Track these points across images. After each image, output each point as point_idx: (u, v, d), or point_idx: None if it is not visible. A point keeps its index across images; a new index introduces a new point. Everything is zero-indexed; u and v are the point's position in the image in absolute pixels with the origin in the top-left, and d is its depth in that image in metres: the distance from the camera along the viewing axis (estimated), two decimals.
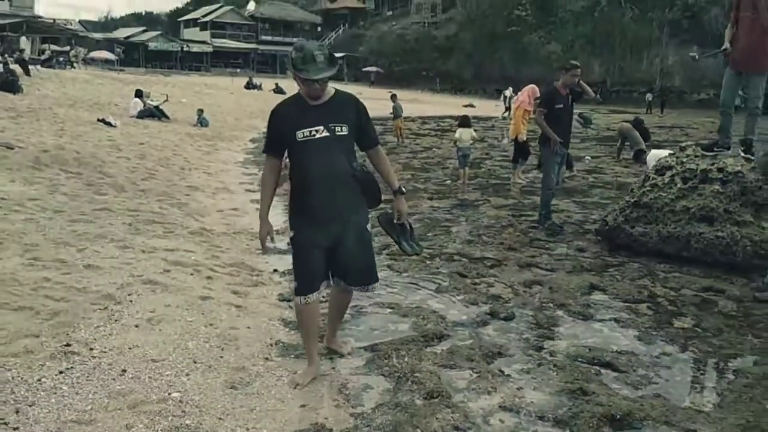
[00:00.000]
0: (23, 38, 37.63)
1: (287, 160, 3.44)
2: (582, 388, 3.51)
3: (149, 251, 5.44)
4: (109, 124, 14.25)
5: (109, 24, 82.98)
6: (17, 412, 2.81)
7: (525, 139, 10.68)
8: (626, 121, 14.96)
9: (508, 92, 30.16)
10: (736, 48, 6.42)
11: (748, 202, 6.00)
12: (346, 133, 3.29)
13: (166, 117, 18.02)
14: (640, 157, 12.60)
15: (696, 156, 6.48)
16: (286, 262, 5.68)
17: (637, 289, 5.34)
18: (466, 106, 34.39)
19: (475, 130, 11.20)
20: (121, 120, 15.40)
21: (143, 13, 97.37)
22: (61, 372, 3.16)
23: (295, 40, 55.32)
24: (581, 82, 7.55)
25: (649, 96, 38.11)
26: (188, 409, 3.04)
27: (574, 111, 8.14)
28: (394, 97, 18.02)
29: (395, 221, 3.63)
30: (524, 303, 4.99)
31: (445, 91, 52.49)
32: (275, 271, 5.56)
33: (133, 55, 59.95)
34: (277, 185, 3.45)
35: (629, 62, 47.69)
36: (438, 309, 4.75)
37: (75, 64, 38.56)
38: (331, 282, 3.57)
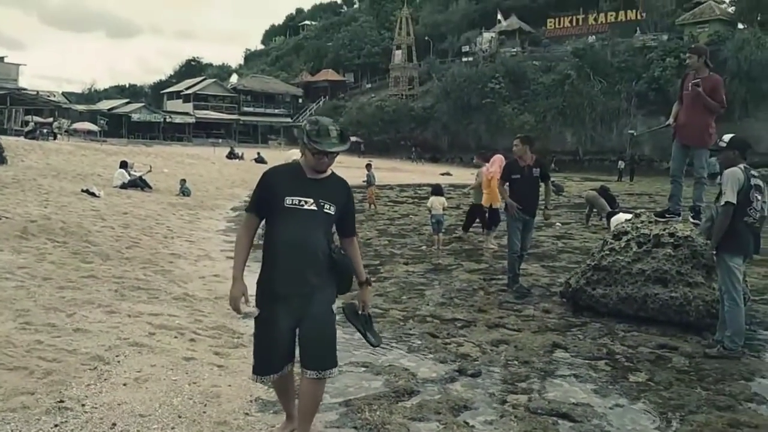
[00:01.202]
0: None
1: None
2: None
3: (135, 316, 5.71)
4: (93, 194, 14.60)
5: (92, 96, 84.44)
6: None
7: (500, 207, 11.18)
8: (593, 189, 15.60)
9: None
10: (681, 124, 7.02)
11: (699, 265, 6.44)
12: (332, 213, 3.29)
13: (149, 187, 18.41)
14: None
15: (650, 222, 6.96)
16: None
17: (597, 347, 5.70)
18: (443, 174, 35.30)
19: (449, 198, 11.71)
20: (105, 190, 15.76)
21: (127, 86, 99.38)
22: (56, 425, 3.41)
23: (276, 110, 56.23)
24: (547, 174, 8.08)
25: (621, 164, 39.46)
26: None
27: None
28: (369, 166, 18.69)
29: (360, 312, 3.59)
30: (491, 361, 5.31)
31: (423, 160, 53.73)
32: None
33: (116, 127, 60.85)
34: (251, 246, 3.40)
35: (600, 132, 49.62)
36: (409, 367, 5.05)
37: (58, 136, 39.06)
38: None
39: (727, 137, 5.69)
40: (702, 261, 6.40)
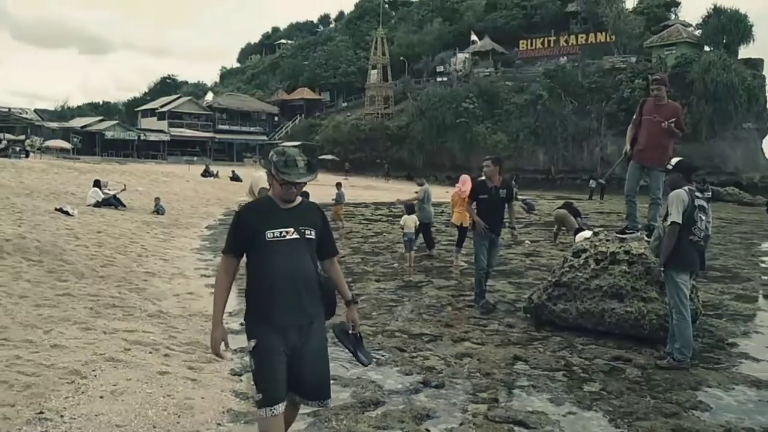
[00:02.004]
0: None
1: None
2: None
3: (110, 332, 5.87)
4: (66, 213, 14.64)
5: (65, 113, 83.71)
6: None
7: (468, 225, 11.52)
8: (560, 208, 16.01)
9: None
10: (640, 144, 7.40)
11: (653, 281, 6.78)
12: (313, 237, 3.32)
13: (123, 205, 18.45)
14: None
15: (607, 240, 7.32)
16: (239, 340, 6.16)
17: (556, 360, 6.00)
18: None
19: None
20: (79, 209, 15.79)
21: (101, 103, 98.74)
22: None
23: (252, 128, 56.09)
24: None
25: (592, 183, 40.23)
26: None
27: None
28: (339, 185, 18.97)
29: (350, 332, 3.59)
30: (454, 373, 5.57)
31: (390, 178, 54.17)
32: (227, 348, 6.01)
33: (89, 144, 60.40)
34: (231, 288, 3.38)
35: (572, 151, 50.74)
36: (376, 379, 5.29)
37: (31, 154, 38.75)
38: None
39: (674, 160, 6.06)
40: (656, 277, 6.75)
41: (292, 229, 3.25)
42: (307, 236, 3.29)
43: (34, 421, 3.72)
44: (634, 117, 7.54)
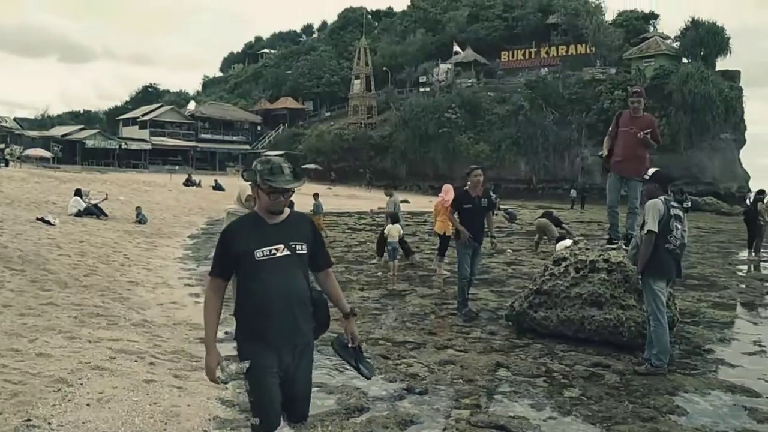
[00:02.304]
0: None
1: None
2: None
3: (95, 341, 5.89)
4: (48, 222, 14.54)
5: (45, 122, 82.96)
6: None
7: (451, 234, 11.64)
8: (541, 217, 16.21)
9: None
10: (617, 156, 7.58)
11: (631, 289, 6.92)
12: (305, 252, 3.18)
13: (105, 215, 18.35)
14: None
15: (587, 249, 7.47)
16: (223, 348, 6.21)
17: (537, 366, 6.11)
18: (401, 201, 35.76)
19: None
20: (60, 218, 15.69)
21: (81, 111, 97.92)
22: None
23: (235, 138, 55.81)
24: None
25: (573, 192, 40.72)
26: None
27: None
28: (316, 196, 19.02)
29: (349, 345, 3.46)
30: (438, 380, 5.66)
31: (371, 187, 54.26)
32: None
33: (70, 153, 59.86)
34: (221, 310, 3.23)
35: (553, 161, 51.30)
36: (361, 386, 5.36)
37: (10, 162, 38.36)
38: None
39: (651, 171, 6.22)
40: (634, 285, 6.90)
41: (282, 246, 3.11)
42: (298, 252, 3.15)
43: (22, 428, 3.75)
44: (611, 129, 7.74)
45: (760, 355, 6.92)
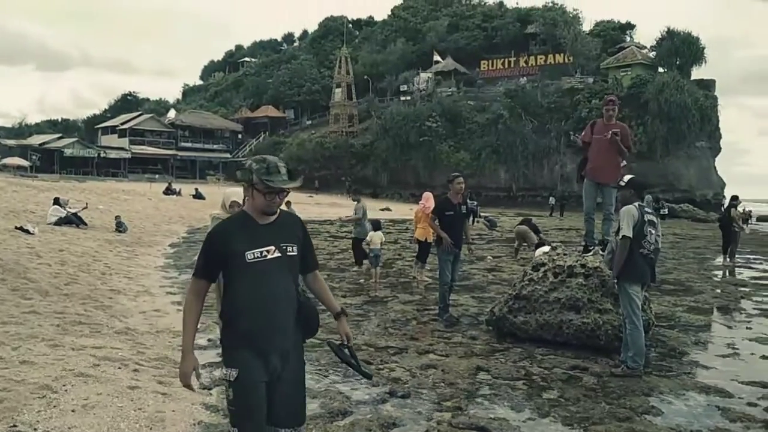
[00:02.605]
0: None
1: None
2: None
3: (78, 349, 5.89)
4: (27, 231, 14.42)
5: (23, 130, 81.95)
6: None
7: (432, 241, 11.75)
8: (521, 224, 16.41)
9: None
10: (591, 163, 7.79)
11: (608, 293, 7.08)
12: (295, 253, 3.10)
13: (84, 224, 18.21)
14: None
15: (564, 254, 7.62)
16: (206, 356, 6.29)
17: (516, 369, 6.23)
18: (382, 209, 35.93)
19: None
20: (39, 227, 15.57)
21: (59, 120, 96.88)
22: None
23: (215, 146, 55.47)
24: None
25: (552, 200, 41.17)
26: None
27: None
28: (288, 204, 19.03)
29: (345, 345, 3.35)
30: (420, 383, 5.75)
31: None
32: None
33: (48, 162, 59.26)
34: (201, 313, 3.12)
35: (532, 169, 51.85)
36: (344, 391, 5.44)
37: None
38: None
39: (626, 177, 6.40)
40: (611, 289, 7.06)
41: (273, 248, 3.02)
42: (289, 253, 3.07)
43: None
44: (584, 134, 7.99)
45: (733, 357, 7.10)
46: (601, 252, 7.47)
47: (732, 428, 4.87)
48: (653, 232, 6.01)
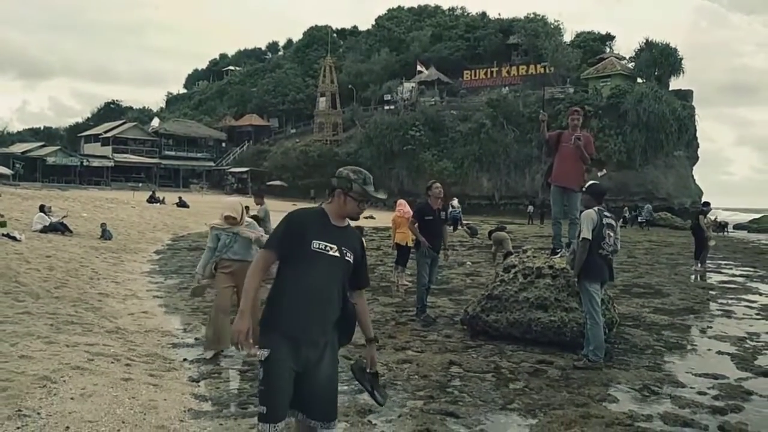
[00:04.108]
0: None
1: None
2: (428, 429, 4.68)
3: (72, 345, 6.23)
4: (14, 238, 14.63)
5: (5, 138, 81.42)
6: None
7: (411, 245, 12.16)
8: (497, 230, 16.85)
9: None
10: (561, 172, 8.26)
11: (574, 293, 7.52)
12: (351, 261, 3.29)
13: (70, 231, 18.41)
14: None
15: (534, 256, 8.08)
16: (194, 352, 6.66)
17: (486, 363, 6.66)
18: (366, 217, 36.32)
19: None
20: (25, 234, 15.78)
21: (42, 128, 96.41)
22: (18, 428, 4.01)
23: (198, 154, 55.40)
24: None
25: (530, 208, 41.81)
26: None
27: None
28: (251, 215, 19.28)
29: (368, 370, 3.55)
30: (395, 376, 6.15)
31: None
32: (185, 360, 6.46)
33: (30, 170, 59.08)
34: (261, 283, 3.32)
35: (514, 178, 52.58)
36: None
37: None
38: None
39: (588, 183, 6.87)
40: (576, 289, 7.51)
41: (335, 247, 3.22)
42: (346, 258, 3.26)
43: (14, 416, 4.13)
44: (550, 134, 8.49)
45: (691, 352, 7.58)
46: (567, 254, 7.92)
47: (681, 413, 5.29)
48: (611, 234, 6.48)
